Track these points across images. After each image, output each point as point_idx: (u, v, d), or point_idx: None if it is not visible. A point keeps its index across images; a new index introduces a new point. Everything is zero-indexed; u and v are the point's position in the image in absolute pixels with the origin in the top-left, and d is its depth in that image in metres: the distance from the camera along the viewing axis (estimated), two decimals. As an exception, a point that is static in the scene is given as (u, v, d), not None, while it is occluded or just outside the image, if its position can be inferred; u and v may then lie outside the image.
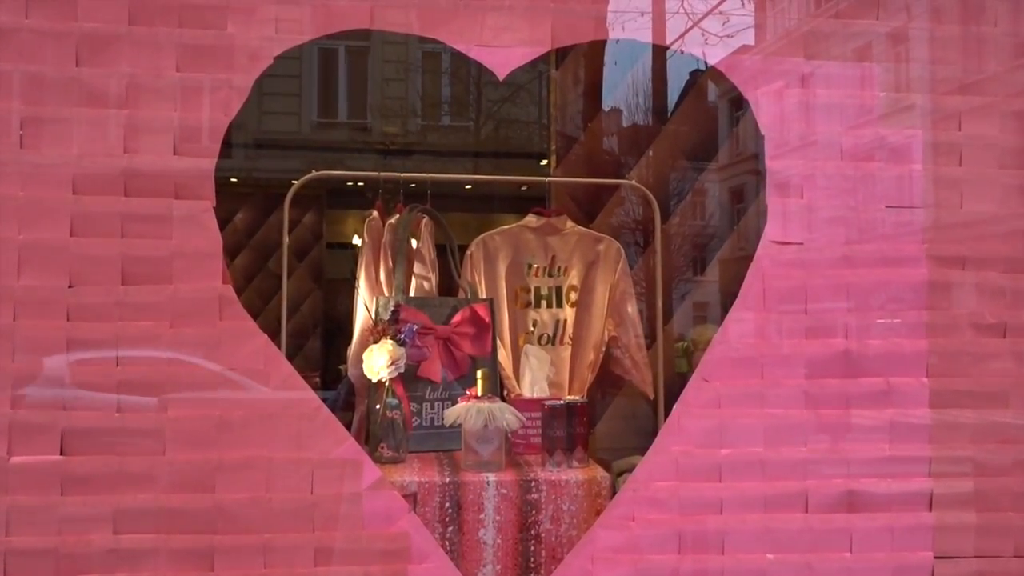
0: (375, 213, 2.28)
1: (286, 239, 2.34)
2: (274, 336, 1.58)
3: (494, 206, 5.21)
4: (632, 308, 2.40)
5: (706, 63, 1.71)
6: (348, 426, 2.16)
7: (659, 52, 3.71)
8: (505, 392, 2.24)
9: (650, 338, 2.61)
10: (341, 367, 2.62)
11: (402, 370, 1.85)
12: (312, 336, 5.06)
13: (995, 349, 1.63)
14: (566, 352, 2.39)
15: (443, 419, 1.85)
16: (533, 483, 1.70)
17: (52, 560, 1.41)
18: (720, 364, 1.60)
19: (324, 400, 1.55)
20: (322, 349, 5.01)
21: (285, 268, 2.34)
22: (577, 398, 1.96)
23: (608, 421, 2.94)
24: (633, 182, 3.00)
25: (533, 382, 2.13)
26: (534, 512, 1.69)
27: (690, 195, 3.76)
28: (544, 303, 2.40)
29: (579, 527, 1.69)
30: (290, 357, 1.63)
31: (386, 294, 2.17)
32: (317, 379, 4.12)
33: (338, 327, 5.05)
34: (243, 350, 1.49)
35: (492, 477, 1.69)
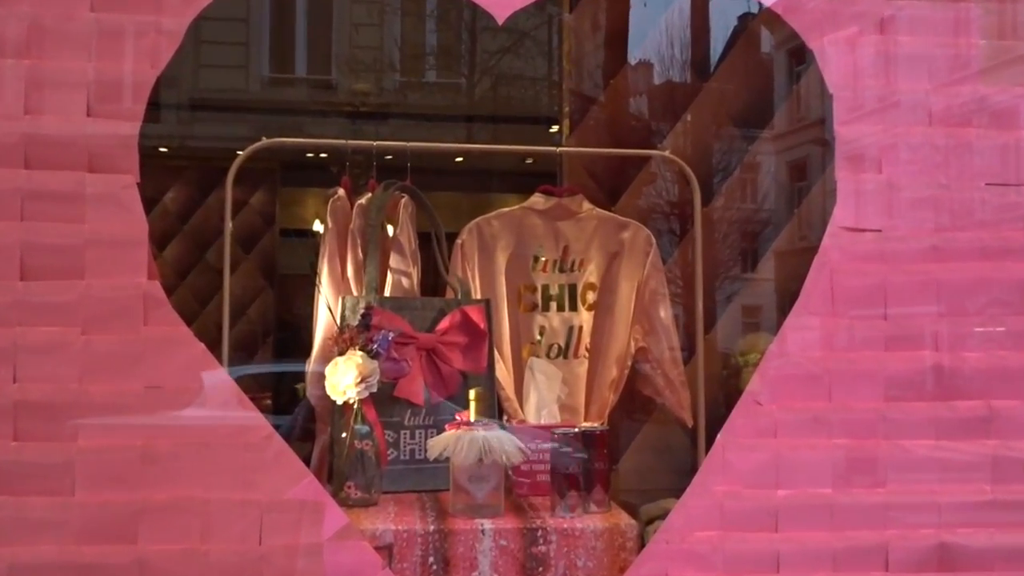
0: (341, 192, 2.28)
1: (229, 224, 2.33)
2: (214, 346, 1.58)
3: (492, 183, 5.22)
4: (665, 312, 2.40)
5: (759, 4, 1.71)
6: (306, 460, 2.17)
7: (700, -10, 3.72)
8: (505, 417, 2.25)
9: (688, 350, 2.60)
10: (298, 386, 2.63)
11: (375, 389, 1.85)
12: (262, 347, 5.07)
13: (1125, 365, 1.62)
14: (582, 367, 2.39)
15: (426, 451, 1.85)
16: (540, 532, 1.69)
17: (-68, 628, 1.40)
18: (776, 382, 1.60)
19: (277, 427, 1.55)
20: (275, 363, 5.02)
21: (228, 261, 2.34)
22: (596, 425, 1.96)
23: (635, 454, 2.94)
24: (667, 153, 3.00)
25: (540, 405, 2.13)
26: (541, 569, 1.68)
27: (739, 170, 3.77)
28: (554, 305, 2.40)
29: (598, 588, 1.69)
30: (235, 374, 1.62)
31: (355, 293, 2.16)
32: (268, 401, 4.14)
33: (294, 336, 5.04)
34: (174, 363, 1.48)
35: (488, 524, 1.69)
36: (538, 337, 2.39)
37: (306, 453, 2.24)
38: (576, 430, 1.84)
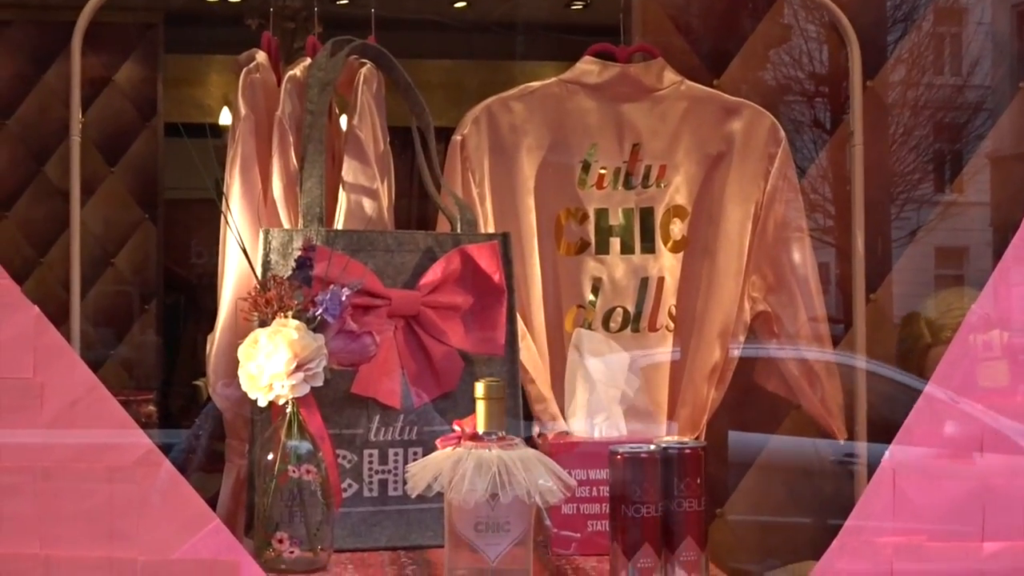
0: (261, 57, 2.30)
1: (79, 115, 2.36)
2: (59, 315, 1.60)
3: (513, 44, 5.19)
4: (802, 256, 2.42)
5: None
6: (212, 499, 2.20)
7: None
8: (536, 429, 2.26)
9: (843, 320, 2.59)
10: (199, 381, 2.66)
11: (320, 382, 1.85)
12: (140, 316, 5.12)
13: None
14: (663, 346, 2.42)
15: (406, 484, 1.84)
16: (593, 616, 1.72)
17: None
18: (984, 369, 1.58)
19: (166, 448, 1.55)
20: (162, 344, 5.09)
21: (77, 176, 2.35)
22: (687, 440, 1.96)
23: (752, 488, 2.94)
24: (805, -10, 2.96)
25: (594, 407, 2.13)
26: (595, 676, 1.71)
27: (929, 19, 3.71)
28: (617, 244, 2.42)
29: None
30: (96, 361, 1.63)
31: (285, 224, 2.18)
32: (151, 405, 4.19)
33: (191, 297, 5.07)
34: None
35: (508, 604, 1.70)
36: (591, 297, 2.41)
37: (212, 490, 2.26)
38: (653, 447, 1.83)
